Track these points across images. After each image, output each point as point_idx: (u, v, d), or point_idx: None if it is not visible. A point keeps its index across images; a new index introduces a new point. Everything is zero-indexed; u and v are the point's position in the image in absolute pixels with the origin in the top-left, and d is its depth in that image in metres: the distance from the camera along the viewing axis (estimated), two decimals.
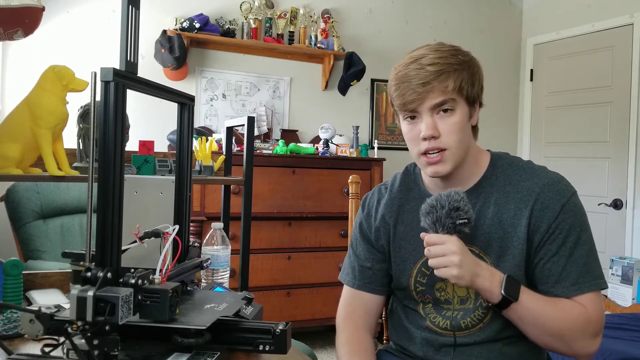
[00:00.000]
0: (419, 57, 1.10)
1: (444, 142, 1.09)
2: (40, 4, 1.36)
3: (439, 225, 1.03)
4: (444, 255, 1.01)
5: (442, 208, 1.03)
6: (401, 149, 4.09)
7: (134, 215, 0.99)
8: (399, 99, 1.11)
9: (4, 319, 1.02)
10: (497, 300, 1.04)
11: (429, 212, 1.05)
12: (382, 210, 1.26)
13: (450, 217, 1.02)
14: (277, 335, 0.86)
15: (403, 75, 1.10)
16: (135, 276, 0.79)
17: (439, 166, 1.11)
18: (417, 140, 1.12)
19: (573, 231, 1.09)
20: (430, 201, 1.05)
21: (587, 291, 1.07)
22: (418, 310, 1.21)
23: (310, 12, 3.74)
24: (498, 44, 4.42)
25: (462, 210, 1.02)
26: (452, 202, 1.02)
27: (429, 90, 1.07)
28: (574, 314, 1.06)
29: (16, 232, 2.78)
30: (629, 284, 2.70)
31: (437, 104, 1.08)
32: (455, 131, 1.10)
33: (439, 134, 1.09)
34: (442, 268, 1.02)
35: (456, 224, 1.02)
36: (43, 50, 3.07)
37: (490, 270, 1.05)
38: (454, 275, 1.00)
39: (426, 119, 1.09)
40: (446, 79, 1.07)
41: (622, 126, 3.70)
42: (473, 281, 1.02)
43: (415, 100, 1.08)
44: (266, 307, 1.15)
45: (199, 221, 2.87)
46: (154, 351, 0.83)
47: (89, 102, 0.79)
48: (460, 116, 1.10)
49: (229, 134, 1.83)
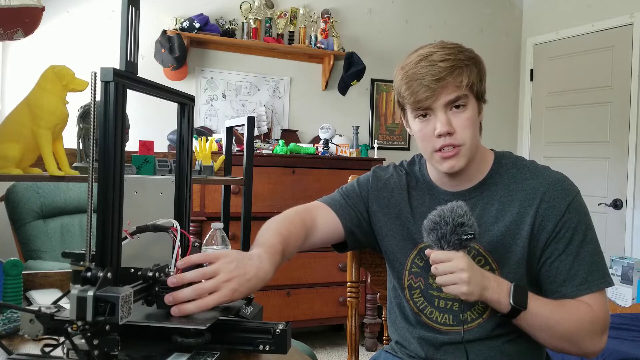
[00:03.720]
0: (427, 54, 1.09)
1: (459, 138, 1.09)
2: (40, 4, 1.36)
3: (445, 242, 1.01)
4: (452, 273, 1.00)
5: (447, 224, 1.00)
6: (401, 149, 4.09)
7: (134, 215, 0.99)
8: (411, 97, 1.09)
9: (4, 319, 1.02)
10: (507, 311, 1.04)
11: (432, 229, 1.02)
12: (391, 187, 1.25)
13: (456, 233, 1.00)
14: (277, 335, 0.87)
15: (414, 73, 1.08)
16: (153, 269, 0.85)
17: (454, 160, 1.10)
18: (430, 137, 1.11)
19: (579, 230, 1.09)
20: (433, 217, 1.03)
21: (596, 290, 1.07)
22: (410, 305, 1.21)
23: (310, 12, 3.74)
24: (498, 44, 4.42)
25: (467, 225, 1.00)
26: (457, 217, 1.00)
27: (444, 86, 1.07)
28: (581, 315, 1.06)
29: (16, 232, 2.78)
30: (629, 284, 2.70)
31: (451, 100, 1.08)
32: (469, 126, 1.09)
33: (454, 130, 1.09)
34: (451, 285, 1.00)
35: (462, 240, 1.00)
36: (43, 50, 3.07)
37: (497, 281, 1.04)
38: (463, 292, 0.99)
39: (440, 115, 1.08)
40: (460, 74, 1.07)
41: (622, 126, 3.70)
42: (482, 295, 1.01)
43: (429, 97, 1.07)
44: (266, 307, 1.15)
45: (199, 221, 2.87)
46: (154, 351, 0.83)
47: (89, 102, 0.79)
48: (472, 111, 1.10)
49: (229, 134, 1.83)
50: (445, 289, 1.02)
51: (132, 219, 0.98)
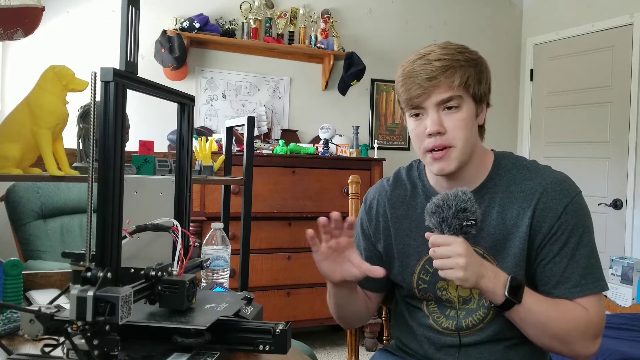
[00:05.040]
0: (425, 53, 1.09)
1: (450, 139, 1.08)
2: (40, 4, 1.35)
3: (445, 226, 1.01)
4: (449, 257, 0.99)
5: (449, 209, 1.00)
6: (401, 149, 4.09)
7: (134, 216, 0.99)
8: (405, 94, 1.10)
9: (4, 319, 1.02)
10: (500, 302, 1.03)
11: (434, 212, 1.02)
12: (384, 204, 1.25)
13: (457, 218, 1.00)
14: (277, 335, 0.86)
15: (410, 71, 1.09)
16: (156, 268, 0.85)
17: (443, 163, 1.10)
18: (422, 137, 1.11)
19: (575, 232, 1.08)
20: (437, 200, 1.02)
21: (589, 293, 1.07)
22: (422, 308, 1.20)
23: (310, 12, 3.74)
24: (498, 44, 4.42)
25: (470, 211, 1.00)
26: (460, 202, 1.00)
27: (435, 85, 1.06)
28: (575, 317, 1.05)
29: (16, 232, 2.78)
30: (629, 284, 2.70)
31: (443, 100, 1.07)
32: (462, 128, 1.08)
33: (445, 130, 1.08)
34: (447, 270, 1.00)
35: (463, 226, 1.00)
36: (43, 50, 3.07)
37: (494, 272, 1.03)
38: (459, 278, 0.99)
39: (432, 114, 1.08)
40: (452, 74, 1.06)
41: (622, 126, 3.70)
42: (477, 282, 1.01)
43: (421, 95, 1.08)
44: (266, 307, 1.15)
45: (199, 221, 2.87)
46: (154, 351, 0.83)
47: (89, 102, 0.79)
48: (466, 113, 1.09)
49: (229, 134, 1.83)
50: (441, 273, 1.02)
51: (132, 219, 0.98)
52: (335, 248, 1.07)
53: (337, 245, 1.07)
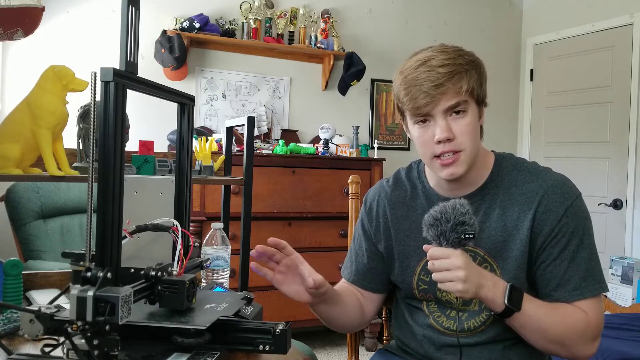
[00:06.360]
0: (426, 59, 1.07)
1: (459, 144, 1.07)
2: (40, 4, 1.35)
3: (444, 239, 1.00)
4: (448, 270, 0.99)
5: (447, 222, 0.99)
6: (401, 149, 4.09)
7: (134, 216, 0.99)
8: (410, 103, 1.07)
9: (4, 319, 1.02)
10: (500, 310, 1.03)
11: (432, 224, 1.01)
12: (384, 205, 1.25)
13: (456, 231, 0.99)
14: (277, 335, 0.87)
15: (413, 79, 1.06)
16: (156, 268, 0.85)
17: (453, 168, 1.09)
18: (429, 144, 1.09)
19: (576, 235, 1.08)
20: (434, 213, 1.01)
21: (589, 296, 1.07)
22: (422, 308, 1.21)
23: (310, 12, 3.74)
24: (498, 44, 4.42)
25: (468, 224, 0.99)
26: (458, 215, 0.99)
27: (443, 92, 1.05)
28: (574, 320, 1.06)
29: (16, 232, 2.78)
30: (629, 284, 2.70)
31: (451, 106, 1.06)
32: (469, 132, 1.08)
33: (454, 136, 1.07)
34: (447, 282, 0.99)
35: (461, 239, 1.00)
36: (43, 50, 3.07)
37: (493, 280, 1.03)
38: (459, 290, 0.99)
39: (440, 121, 1.07)
40: (459, 80, 1.05)
41: (622, 126, 3.70)
42: (477, 293, 1.01)
43: (428, 104, 1.06)
44: (266, 307, 1.15)
45: (199, 221, 2.87)
46: (154, 351, 0.83)
47: (89, 102, 0.79)
48: (472, 117, 1.09)
49: (229, 134, 1.83)
50: (440, 286, 1.01)
51: (132, 219, 0.98)
52: (287, 270, 1.07)
53: (287, 268, 1.07)
